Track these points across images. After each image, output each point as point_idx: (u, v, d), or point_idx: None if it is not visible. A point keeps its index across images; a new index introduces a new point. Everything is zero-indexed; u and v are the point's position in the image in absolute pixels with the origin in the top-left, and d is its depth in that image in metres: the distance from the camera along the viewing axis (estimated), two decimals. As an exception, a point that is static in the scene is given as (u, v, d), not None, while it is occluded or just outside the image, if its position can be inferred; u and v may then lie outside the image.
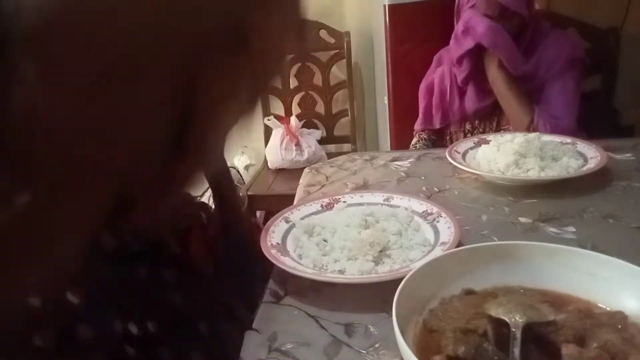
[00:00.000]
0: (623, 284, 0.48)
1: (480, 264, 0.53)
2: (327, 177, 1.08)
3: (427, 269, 0.51)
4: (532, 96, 1.40)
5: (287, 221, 0.81)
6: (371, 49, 2.18)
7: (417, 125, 1.64)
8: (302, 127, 2.17)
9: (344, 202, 0.87)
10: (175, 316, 0.37)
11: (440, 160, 1.10)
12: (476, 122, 1.53)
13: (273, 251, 0.71)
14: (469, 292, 0.51)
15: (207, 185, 0.58)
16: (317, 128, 2.26)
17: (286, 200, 0.99)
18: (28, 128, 0.18)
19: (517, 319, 0.40)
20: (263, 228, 0.78)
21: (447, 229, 0.73)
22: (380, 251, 0.70)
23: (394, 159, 1.15)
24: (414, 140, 1.64)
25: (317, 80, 2.20)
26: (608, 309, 0.48)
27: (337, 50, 2.13)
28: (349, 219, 0.76)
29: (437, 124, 1.58)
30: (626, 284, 0.48)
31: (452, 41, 1.48)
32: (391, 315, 0.45)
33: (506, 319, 0.41)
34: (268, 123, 2.14)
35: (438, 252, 0.67)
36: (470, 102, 1.49)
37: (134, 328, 0.32)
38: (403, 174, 1.06)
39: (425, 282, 0.51)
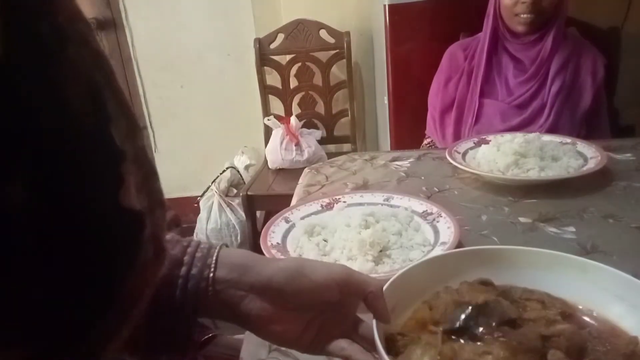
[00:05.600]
0: None
1: (479, 265, 0.53)
2: (327, 177, 1.08)
3: (425, 267, 0.51)
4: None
5: (287, 221, 0.81)
6: (371, 49, 2.18)
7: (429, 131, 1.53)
8: (302, 127, 2.16)
9: (344, 202, 0.87)
10: None
11: (440, 160, 1.10)
12: None
13: (273, 251, 0.71)
14: (483, 283, 0.49)
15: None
16: (317, 128, 2.26)
17: (286, 200, 0.99)
18: None
19: None
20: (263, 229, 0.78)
21: (447, 229, 0.73)
22: (380, 251, 0.70)
23: (394, 159, 1.15)
24: (426, 141, 1.54)
25: (317, 80, 2.20)
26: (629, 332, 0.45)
27: (337, 50, 2.12)
28: (349, 219, 0.76)
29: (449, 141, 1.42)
30: None
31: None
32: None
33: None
34: (268, 123, 2.14)
35: (438, 252, 0.67)
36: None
37: None
38: (403, 174, 1.06)
39: (419, 282, 0.50)
